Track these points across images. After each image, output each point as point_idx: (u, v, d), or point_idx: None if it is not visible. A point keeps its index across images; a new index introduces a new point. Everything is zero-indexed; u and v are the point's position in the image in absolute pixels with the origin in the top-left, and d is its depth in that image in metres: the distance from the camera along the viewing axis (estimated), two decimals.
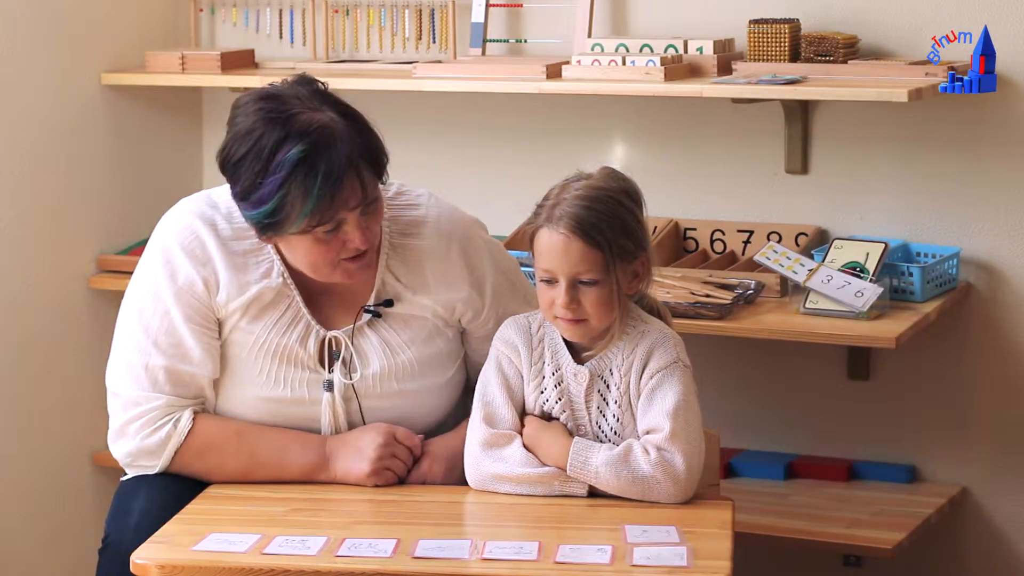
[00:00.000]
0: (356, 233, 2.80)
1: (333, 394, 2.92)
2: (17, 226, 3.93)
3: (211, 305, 2.89)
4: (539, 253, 2.77)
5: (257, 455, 2.88)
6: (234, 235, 2.91)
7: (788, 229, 3.84)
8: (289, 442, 2.89)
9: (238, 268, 2.90)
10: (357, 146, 2.78)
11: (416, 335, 2.96)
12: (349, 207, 2.78)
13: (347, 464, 2.86)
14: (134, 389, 2.89)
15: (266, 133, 2.76)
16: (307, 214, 2.75)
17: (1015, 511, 3.78)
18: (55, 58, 4.00)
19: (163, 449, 2.87)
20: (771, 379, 3.93)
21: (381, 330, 2.95)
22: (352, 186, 2.77)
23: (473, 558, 2.50)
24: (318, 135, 2.75)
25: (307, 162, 2.73)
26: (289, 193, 2.74)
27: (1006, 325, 3.72)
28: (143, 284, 2.93)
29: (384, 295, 2.95)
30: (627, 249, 2.76)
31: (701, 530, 2.61)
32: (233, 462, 2.88)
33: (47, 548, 4.04)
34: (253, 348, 2.90)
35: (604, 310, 2.77)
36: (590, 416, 2.82)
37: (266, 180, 2.75)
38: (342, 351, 2.93)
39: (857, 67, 3.60)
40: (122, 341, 2.93)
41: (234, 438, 2.89)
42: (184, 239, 2.90)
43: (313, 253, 2.82)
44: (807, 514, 3.60)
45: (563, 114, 4.03)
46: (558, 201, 2.76)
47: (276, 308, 2.91)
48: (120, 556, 2.76)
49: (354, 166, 2.77)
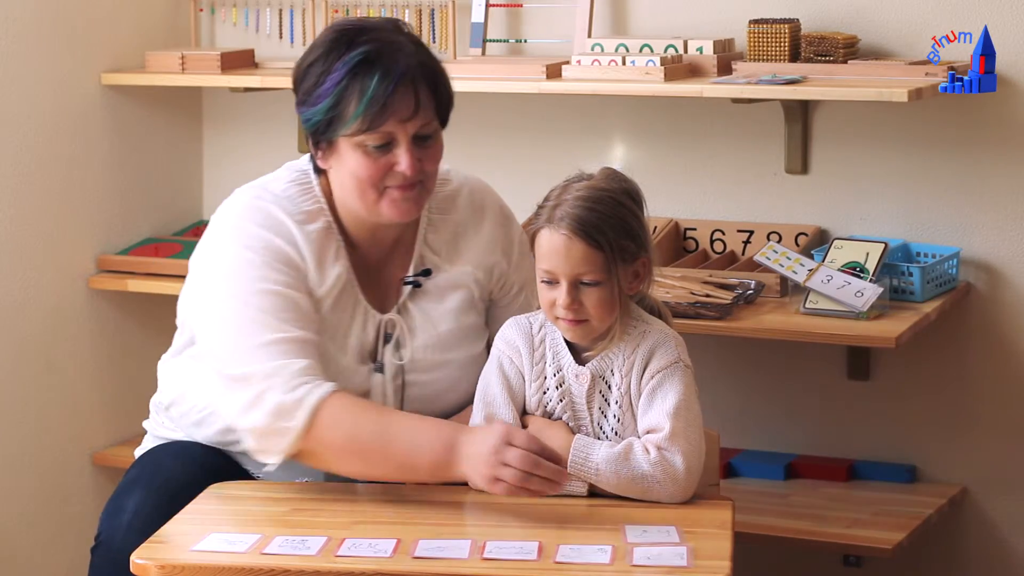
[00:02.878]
0: (406, 156, 2.83)
1: (384, 376, 2.93)
2: (17, 226, 3.93)
3: (308, 287, 2.87)
4: (540, 254, 2.78)
5: (391, 433, 2.74)
6: (306, 217, 2.91)
7: (788, 229, 3.84)
8: (422, 424, 2.78)
9: (319, 253, 2.89)
10: (420, 68, 2.85)
11: (453, 306, 2.99)
12: (400, 118, 2.81)
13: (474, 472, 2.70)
14: (266, 361, 2.77)
15: (337, 41, 2.85)
16: (359, 114, 2.79)
17: (1015, 511, 3.78)
18: (55, 58, 4.00)
19: (298, 407, 2.73)
20: (771, 379, 3.93)
21: (421, 303, 2.97)
22: (406, 97, 2.82)
23: (473, 558, 2.51)
24: (383, 45, 2.84)
25: (367, 63, 2.81)
26: (346, 90, 2.80)
27: (1006, 325, 3.72)
28: (236, 277, 2.85)
29: (422, 267, 2.98)
30: (628, 250, 2.76)
31: (701, 530, 2.61)
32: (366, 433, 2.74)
33: (47, 548, 4.04)
34: (331, 342, 2.89)
35: (605, 311, 2.77)
36: (591, 416, 2.82)
37: (328, 79, 2.82)
38: (395, 332, 2.94)
39: (857, 67, 3.60)
40: (233, 331, 2.82)
41: (372, 408, 2.80)
42: (269, 222, 2.87)
43: (361, 168, 2.83)
44: (807, 514, 3.60)
45: (563, 114, 4.03)
46: (559, 202, 2.76)
47: (344, 298, 2.92)
48: (112, 554, 2.76)
49: (411, 79, 2.82)
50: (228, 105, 4.33)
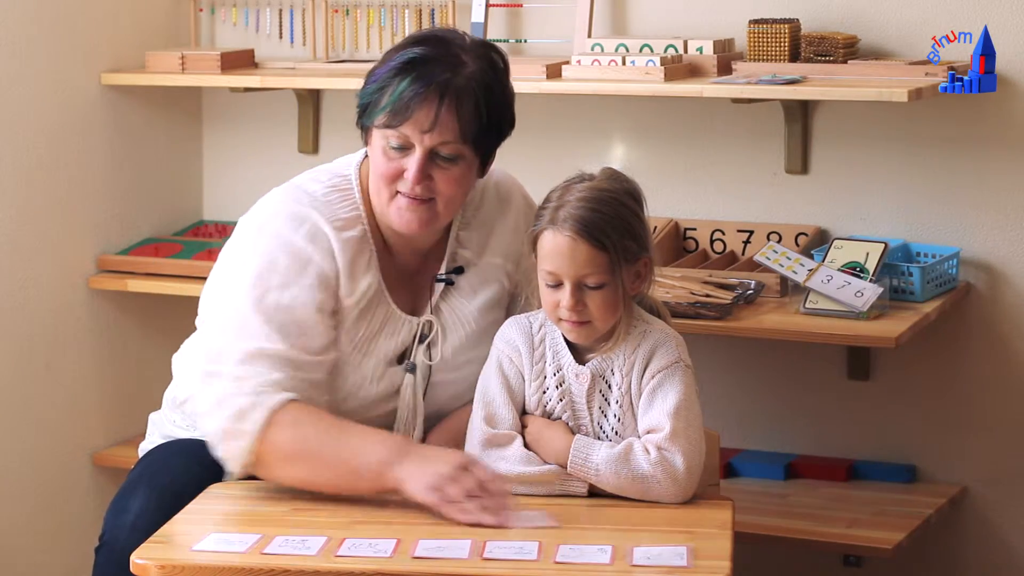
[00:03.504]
0: (415, 167, 2.84)
1: (415, 376, 2.95)
2: (17, 226, 3.93)
3: (337, 298, 2.89)
4: (543, 256, 2.77)
5: (341, 439, 2.77)
6: (344, 224, 2.91)
7: (788, 229, 3.84)
8: (374, 433, 2.81)
9: (352, 261, 2.90)
10: (462, 88, 2.84)
11: (483, 302, 3.01)
12: (418, 128, 2.82)
13: (414, 479, 2.73)
14: (244, 367, 2.81)
15: (413, 39, 2.93)
16: (386, 108, 2.83)
17: (1015, 511, 3.78)
18: (55, 58, 4.00)
19: (254, 410, 2.77)
20: (771, 379, 3.93)
21: (453, 301, 2.99)
22: (428, 108, 2.82)
23: (473, 558, 2.51)
24: (438, 54, 2.86)
25: (411, 65, 2.85)
26: (388, 83, 2.85)
27: (1006, 325, 3.72)
28: (261, 273, 2.86)
29: (454, 265, 3.00)
30: (631, 250, 2.76)
31: (701, 530, 2.61)
32: (315, 437, 2.77)
33: (47, 548, 4.04)
34: (349, 346, 2.90)
35: (609, 312, 2.77)
36: (591, 416, 2.82)
37: (383, 68, 2.88)
38: (431, 333, 2.96)
39: (857, 67, 3.60)
40: (232, 331, 2.84)
41: (326, 418, 2.81)
42: (309, 229, 2.88)
43: (378, 162, 2.88)
44: (807, 514, 3.60)
45: (563, 114, 4.03)
46: (562, 203, 2.76)
47: (372, 307, 2.92)
48: (116, 555, 2.76)
49: (440, 93, 2.83)
50: (228, 105, 4.33)
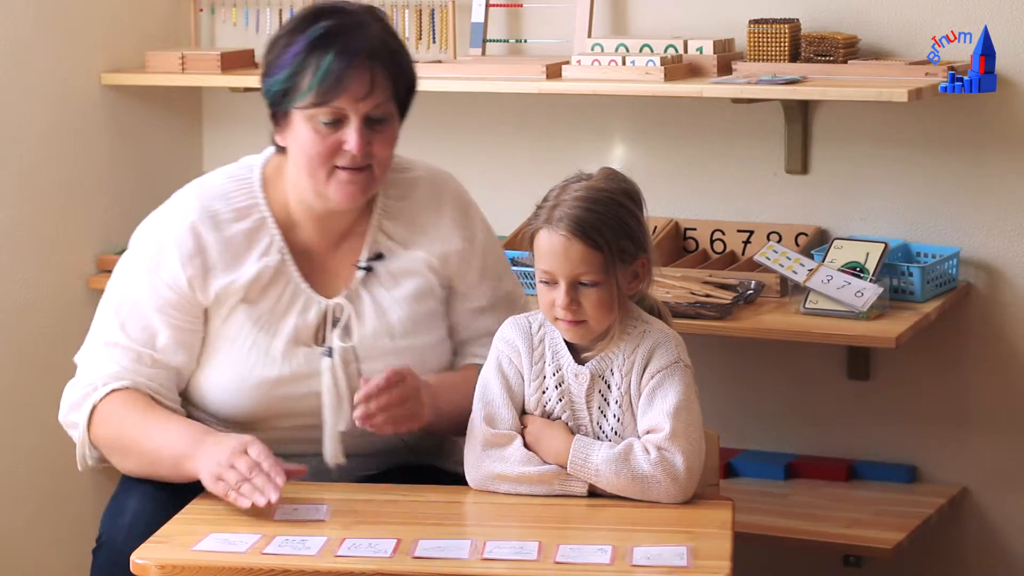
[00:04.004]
0: (354, 136, 2.82)
1: (333, 359, 2.92)
2: (17, 226, 3.93)
3: (194, 298, 2.90)
4: (539, 254, 2.77)
5: (146, 428, 2.85)
6: (235, 216, 2.93)
7: (788, 229, 3.84)
8: (177, 423, 2.87)
9: (238, 251, 2.91)
10: (381, 50, 2.85)
11: (407, 292, 2.96)
12: (354, 96, 2.81)
13: (203, 465, 2.76)
14: (92, 361, 2.93)
15: (306, 18, 2.87)
16: (312, 87, 2.80)
17: (1015, 511, 3.78)
18: (55, 58, 4.00)
19: (85, 402, 2.89)
20: (771, 379, 3.93)
21: (374, 289, 2.95)
22: (361, 75, 2.82)
23: (473, 558, 2.50)
24: (347, 23, 2.85)
25: (327, 38, 2.82)
26: (304, 62, 2.82)
27: (1006, 325, 3.72)
28: (127, 267, 2.96)
29: (375, 252, 2.97)
30: (627, 250, 2.76)
31: (701, 530, 2.61)
32: (127, 429, 2.86)
33: (47, 549, 4.04)
34: (254, 328, 2.91)
35: (604, 311, 2.77)
36: (591, 416, 2.81)
37: (289, 51, 2.84)
38: (343, 317, 2.93)
39: (857, 67, 3.60)
40: (96, 319, 2.97)
41: (139, 406, 2.87)
42: (179, 232, 2.91)
43: (310, 144, 2.84)
44: (807, 514, 3.60)
45: (563, 114, 4.03)
46: (558, 202, 2.76)
47: (276, 286, 2.93)
48: (113, 555, 2.76)
49: (368, 58, 2.82)
50: (228, 105, 4.33)
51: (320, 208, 2.93)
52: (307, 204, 2.93)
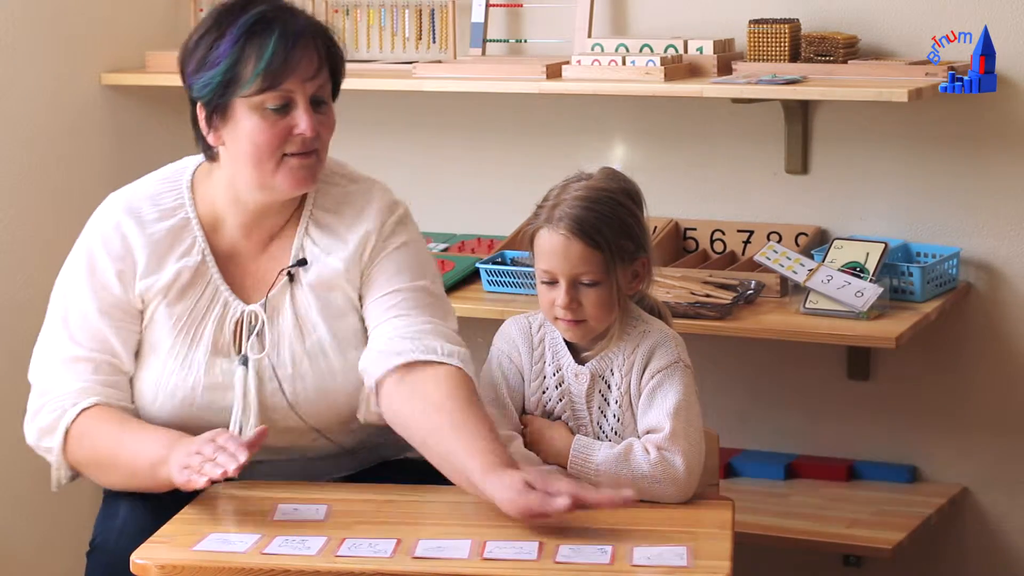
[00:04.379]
0: (305, 117, 2.77)
1: (247, 369, 2.85)
2: (17, 226, 3.93)
3: (127, 298, 2.87)
4: (539, 254, 2.78)
5: (122, 441, 2.81)
6: (159, 216, 2.89)
7: (788, 229, 3.84)
8: (152, 432, 2.82)
9: (160, 251, 2.87)
10: (320, 30, 2.82)
11: (328, 309, 2.88)
12: (302, 76, 2.77)
13: (172, 462, 2.72)
14: (52, 379, 2.89)
15: (226, 11, 2.81)
16: (260, 72, 2.74)
17: (1015, 511, 3.78)
18: (55, 58, 4.00)
19: (57, 426, 2.85)
20: (771, 379, 3.93)
21: (298, 301, 2.88)
22: (307, 54, 2.78)
23: (473, 558, 2.50)
24: (277, 8, 2.80)
25: (263, 22, 2.77)
26: (244, 49, 2.76)
27: (1006, 325, 3.72)
28: (66, 278, 2.93)
29: (300, 258, 2.90)
30: (627, 250, 2.76)
31: (701, 530, 2.61)
32: (103, 445, 2.82)
33: (45, 549, 4.04)
34: (172, 332, 2.86)
35: (604, 311, 2.77)
36: (591, 416, 2.82)
37: (223, 42, 2.77)
38: (256, 324, 2.87)
39: (857, 67, 3.60)
40: (44, 334, 2.94)
41: (114, 421, 2.84)
42: (105, 233, 2.89)
43: (259, 132, 2.77)
44: (807, 514, 3.61)
45: (563, 114, 4.03)
46: (558, 202, 2.76)
47: (195, 288, 2.88)
48: (107, 557, 2.75)
49: (311, 36, 2.79)
50: None
51: (258, 203, 2.86)
52: (242, 203, 2.87)
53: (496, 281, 3.76)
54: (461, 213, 4.15)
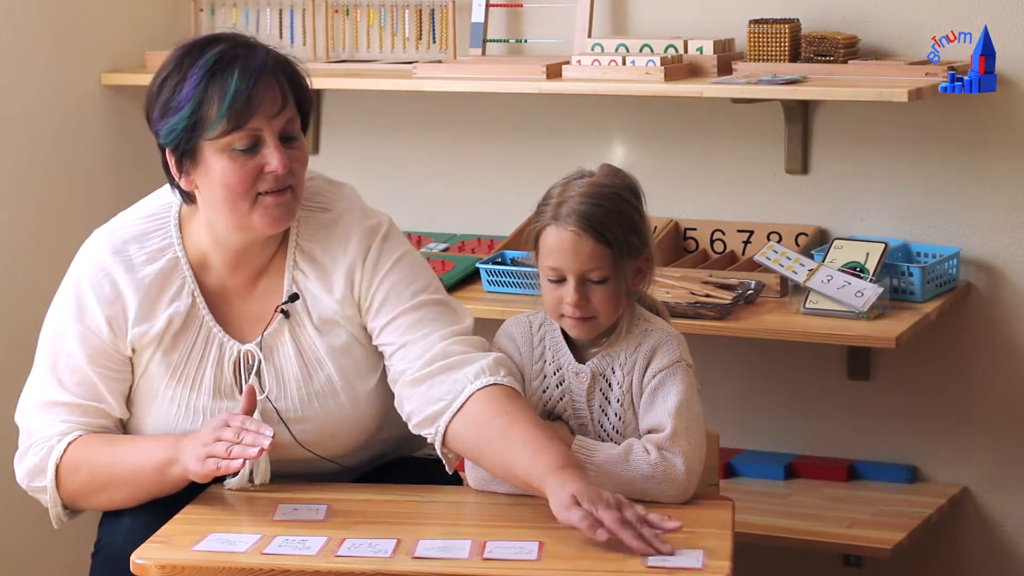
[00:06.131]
0: (275, 154, 2.72)
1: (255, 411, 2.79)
2: (17, 226, 3.93)
3: (116, 346, 2.83)
4: (546, 252, 2.77)
5: (119, 455, 2.79)
6: (148, 258, 2.84)
7: (788, 229, 3.84)
8: (147, 440, 2.82)
9: (151, 296, 2.82)
10: (280, 64, 2.77)
11: (333, 344, 2.85)
12: (267, 113, 2.71)
13: (187, 457, 2.70)
14: (38, 421, 2.86)
15: (187, 52, 2.76)
16: (223, 113, 2.69)
17: (1015, 511, 3.78)
18: (55, 58, 4.00)
19: (46, 465, 2.83)
20: (771, 379, 3.93)
21: (301, 340, 2.85)
22: (271, 90, 2.73)
23: (473, 558, 2.50)
24: (237, 46, 2.75)
25: (223, 62, 2.72)
26: (207, 91, 2.70)
27: (1006, 325, 3.72)
28: (54, 320, 2.89)
29: (292, 292, 2.85)
30: (633, 245, 2.77)
31: (701, 530, 2.61)
32: (101, 465, 2.80)
33: (46, 550, 4.03)
34: (171, 381, 2.83)
35: (612, 306, 2.77)
36: (592, 415, 2.82)
37: (185, 85, 2.72)
38: (254, 364, 2.83)
39: (857, 67, 3.60)
40: (33, 377, 2.91)
41: (103, 441, 2.82)
42: (94, 276, 2.85)
43: (229, 174, 2.71)
44: (807, 514, 3.61)
45: (563, 114, 4.03)
46: (563, 199, 2.76)
47: (188, 332, 2.84)
48: (111, 559, 2.75)
49: (273, 73, 2.74)
50: None
51: (240, 242, 2.81)
52: (224, 243, 2.82)
53: (496, 281, 3.76)
54: (461, 213, 4.15)
